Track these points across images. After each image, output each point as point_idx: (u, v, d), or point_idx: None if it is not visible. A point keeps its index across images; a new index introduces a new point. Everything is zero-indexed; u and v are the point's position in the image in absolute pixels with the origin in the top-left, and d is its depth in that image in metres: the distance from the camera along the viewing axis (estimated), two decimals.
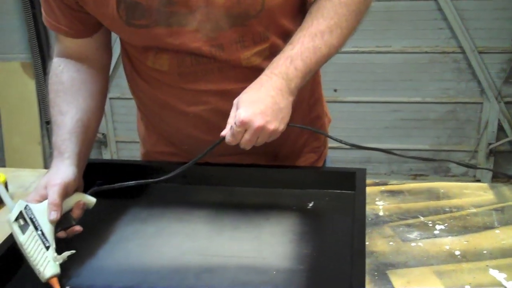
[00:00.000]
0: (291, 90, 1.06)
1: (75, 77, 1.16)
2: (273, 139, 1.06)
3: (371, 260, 1.00)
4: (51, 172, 1.04)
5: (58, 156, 1.07)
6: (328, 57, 1.10)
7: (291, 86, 1.06)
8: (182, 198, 1.19)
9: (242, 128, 1.02)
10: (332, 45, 1.09)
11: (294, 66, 1.06)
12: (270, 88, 1.04)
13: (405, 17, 2.98)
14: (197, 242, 1.04)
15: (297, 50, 1.07)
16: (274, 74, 1.06)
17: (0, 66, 3.33)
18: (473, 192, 1.20)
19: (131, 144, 3.38)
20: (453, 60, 3.03)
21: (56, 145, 1.09)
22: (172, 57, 1.13)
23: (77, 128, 1.10)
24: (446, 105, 3.12)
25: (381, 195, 1.20)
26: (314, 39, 1.08)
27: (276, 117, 1.03)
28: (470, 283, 0.94)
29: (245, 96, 1.05)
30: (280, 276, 0.94)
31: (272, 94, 1.04)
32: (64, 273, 0.94)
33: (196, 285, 0.93)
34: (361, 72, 3.10)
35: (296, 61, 1.06)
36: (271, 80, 1.05)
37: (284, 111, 1.05)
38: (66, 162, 1.05)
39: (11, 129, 3.40)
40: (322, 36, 1.08)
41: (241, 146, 1.05)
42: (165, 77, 1.16)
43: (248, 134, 1.03)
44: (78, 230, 1.02)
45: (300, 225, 1.08)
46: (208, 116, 1.18)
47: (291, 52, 1.07)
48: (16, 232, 0.92)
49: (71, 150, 1.07)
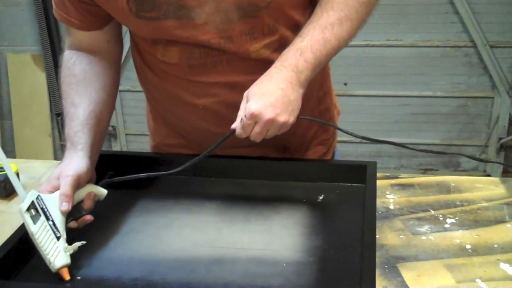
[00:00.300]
0: (301, 82, 1.05)
1: (87, 69, 1.16)
2: (284, 131, 1.06)
3: (381, 253, 0.99)
4: (64, 163, 1.04)
5: (71, 147, 1.07)
6: (338, 49, 1.09)
7: (301, 78, 1.05)
8: (192, 190, 1.19)
9: (252, 121, 1.02)
10: (342, 37, 1.09)
11: (304, 58, 1.05)
12: (280, 81, 1.04)
13: (416, 10, 2.96)
14: (207, 234, 1.04)
15: (306, 43, 1.06)
16: (284, 66, 1.05)
17: (11, 58, 3.35)
18: (484, 186, 1.20)
19: (141, 137, 3.38)
20: (465, 54, 3.01)
21: (69, 137, 1.09)
22: (181, 50, 1.13)
23: (90, 120, 1.11)
24: (457, 99, 3.10)
25: (392, 189, 1.20)
26: (324, 31, 1.07)
27: (286, 109, 1.03)
28: (480, 277, 0.93)
29: (255, 89, 1.04)
30: (290, 268, 0.94)
31: (282, 86, 1.04)
32: (75, 263, 0.95)
33: (206, 276, 0.93)
34: (372, 66, 3.09)
35: (306, 54, 1.06)
36: (281, 72, 1.05)
37: (294, 104, 1.04)
38: (79, 153, 1.06)
39: (21, 121, 3.42)
40: (332, 28, 1.07)
41: (251, 139, 1.05)
42: (174, 69, 1.16)
43: (258, 127, 1.03)
44: (89, 220, 1.02)
45: (310, 218, 1.08)
46: (218, 109, 1.18)
47: (301, 45, 1.06)
48: (27, 221, 0.93)
49: (84, 141, 1.08)
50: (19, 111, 3.41)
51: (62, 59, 1.19)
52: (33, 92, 3.37)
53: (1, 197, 1.22)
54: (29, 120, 3.41)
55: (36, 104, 3.38)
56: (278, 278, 0.92)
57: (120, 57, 1.24)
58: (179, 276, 0.93)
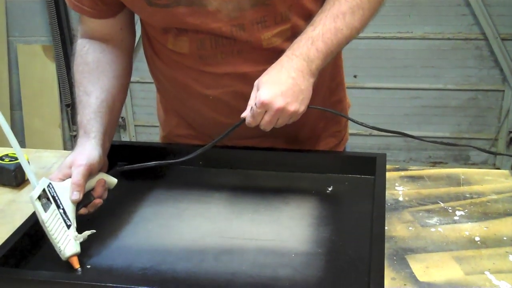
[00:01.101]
0: (312, 71, 1.05)
1: (100, 57, 1.16)
2: (293, 121, 1.06)
3: (390, 245, 0.99)
4: (76, 151, 1.05)
5: (83, 135, 1.08)
6: (349, 38, 1.09)
7: (312, 67, 1.05)
8: (202, 180, 1.19)
9: (262, 109, 1.02)
10: (354, 26, 1.08)
11: (315, 47, 1.05)
12: (291, 70, 1.04)
13: (428, 2, 2.94)
14: (217, 224, 1.05)
15: (318, 31, 1.06)
16: (295, 55, 1.05)
17: (22, 49, 3.36)
18: (494, 179, 1.19)
19: (150, 128, 3.39)
20: (476, 47, 2.99)
21: (81, 125, 1.09)
22: (192, 39, 1.13)
23: (102, 108, 1.11)
24: (467, 92, 3.08)
25: (401, 181, 1.20)
26: (336, 20, 1.07)
27: (297, 98, 1.03)
28: (489, 269, 0.93)
29: (266, 77, 1.04)
30: (299, 259, 0.94)
31: (293, 75, 1.04)
32: (85, 252, 0.96)
33: (215, 266, 0.93)
34: (382, 58, 3.08)
35: (317, 42, 1.05)
36: (292, 61, 1.05)
37: (304, 93, 1.04)
38: (92, 142, 1.06)
39: (31, 111, 3.43)
40: (343, 17, 1.07)
41: (261, 128, 1.05)
42: (185, 59, 1.16)
43: (268, 116, 1.03)
44: (98, 203, 1.03)
45: (319, 209, 1.08)
46: (228, 99, 1.18)
47: (312, 33, 1.06)
48: (38, 209, 0.93)
49: (96, 129, 1.08)
50: (29, 101, 3.43)
51: (75, 48, 1.19)
52: (43, 83, 3.38)
53: (11, 186, 1.23)
54: (39, 110, 3.42)
55: (46, 95, 3.39)
56: (286, 268, 0.92)
57: (132, 45, 1.24)
58: (188, 265, 0.94)
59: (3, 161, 1.23)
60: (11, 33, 3.36)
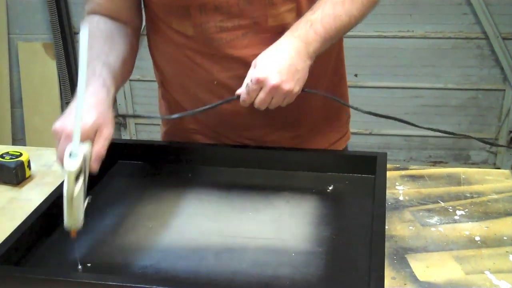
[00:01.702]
0: (309, 53, 1.07)
1: (113, 28, 1.16)
2: (288, 103, 1.07)
3: (391, 244, 0.99)
4: (100, 110, 0.97)
5: (107, 94, 1.02)
6: (348, 26, 1.11)
7: (309, 49, 1.07)
8: (202, 179, 1.19)
9: (257, 86, 1.04)
10: (353, 14, 1.11)
11: (313, 30, 1.07)
12: (289, 49, 1.06)
13: (428, 1, 2.94)
14: (217, 222, 1.05)
15: (317, 15, 1.08)
16: (293, 36, 1.07)
17: (22, 47, 3.35)
18: (495, 178, 1.19)
19: (150, 126, 3.39)
20: (477, 46, 2.99)
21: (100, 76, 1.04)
22: (196, 22, 1.13)
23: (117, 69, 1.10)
24: (468, 91, 3.08)
25: (401, 180, 1.20)
26: (335, 7, 1.09)
27: (293, 77, 1.05)
28: (489, 269, 0.93)
29: (263, 56, 1.06)
30: (299, 257, 0.94)
31: (291, 55, 1.05)
32: (85, 250, 0.96)
33: (215, 265, 0.93)
34: (383, 57, 3.07)
35: (315, 25, 1.08)
36: (290, 42, 1.07)
37: (300, 73, 1.06)
38: (111, 111, 1.01)
39: (32, 109, 3.43)
40: (343, 4, 1.10)
41: (255, 106, 1.07)
42: (189, 43, 1.17)
43: (263, 93, 1.05)
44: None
45: (320, 208, 1.08)
46: (233, 84, 1.17)
47: (311, 17, 1.09)
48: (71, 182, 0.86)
49: (113, 90, 1.04)
50: (29, 99, 3.43)
51: (84, 23, 1.17)
52: (43, 81, 3.38)
53: (12, 184, 1.23)
54: (40, 108, 3.42)
55: (47, 93, 3.39)
56: (286, 267, 0.92)
57: (140, 27, 1.24)
58: (188, 264, 0.94)
59: (4, 159, 1.23)
60: (12, 30, 3.35)
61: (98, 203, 1.09)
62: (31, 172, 1.26)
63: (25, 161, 1.24)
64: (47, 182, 1.22)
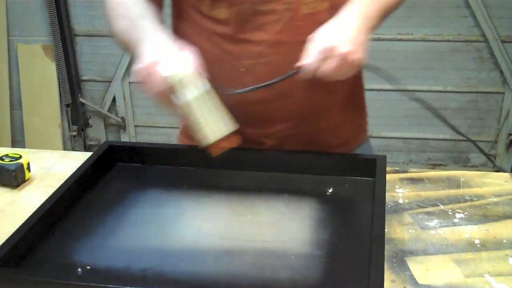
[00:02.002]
0: (368, 29, 1.09)
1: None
2: (348, 76, 1.07)
3: (390, 247, 0.99)
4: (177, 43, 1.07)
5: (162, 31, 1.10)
6: (394, 7, 1.17)
7: (368, 25, 1.09)
8: (202, 182, 1.19)
9: (324, 55, 1.03)
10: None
11: (371, 7, 1.10)
12: (351, 23, 1.07)
13: (428, 4, 2.94)
14: (217, 225, 1.05)
15: None
16: (353, 11, 1.09)
17: (22, 49, 3.36)
18: (494, 181, 1.19)
19: (150, 129, 3.38)
20: (476, 49, 2.99)
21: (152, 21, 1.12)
22: (231, 5, 1.13)
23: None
24: (467, 94, 3.08)
25: (401, 183, 1.20)
26: None
27: (361, 48, 1.05)
28: (489, 272, 0.93)
29: (326, 29, 1.06)
30: (299, 261, 0.94)
31: (355, 28, 1.06)
32: (84, 253, 0.96)
33: (215, 268, 0.93)
34: (382, 59, 3.07)
35: (371, 4, 1.11)
36: (351, 16, 1.08)
37: (365, 46, 1.07)
38: None
39: (31, 111, 3.43)
40: None
41: (320, 74, 1.05)
42: (220, 27, 1.16)
43: (331, 61, 1.03)
44: None
45: (319, 211, 1.08)
46: (260, 71, 1.16)
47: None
48: None
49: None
50: (29, 101, 3.43)
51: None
52: (43, 83, 3.38)
53: (12, 187, 1.23)
54: (39, 110, 3.42)
55: (46, 95, 3.39)
56: (286, 270, 0.92)
57: (162, 5, 1.25)
58: (188, 267, 0.94)
59: (3, 161, 1.23)
60: (11, 32, 3.36)
61: (98, 206, 1.09)
62: (30, 175, 1.26)
63: (24, 163, 1.23)
64: (47, 184, 1.22)
